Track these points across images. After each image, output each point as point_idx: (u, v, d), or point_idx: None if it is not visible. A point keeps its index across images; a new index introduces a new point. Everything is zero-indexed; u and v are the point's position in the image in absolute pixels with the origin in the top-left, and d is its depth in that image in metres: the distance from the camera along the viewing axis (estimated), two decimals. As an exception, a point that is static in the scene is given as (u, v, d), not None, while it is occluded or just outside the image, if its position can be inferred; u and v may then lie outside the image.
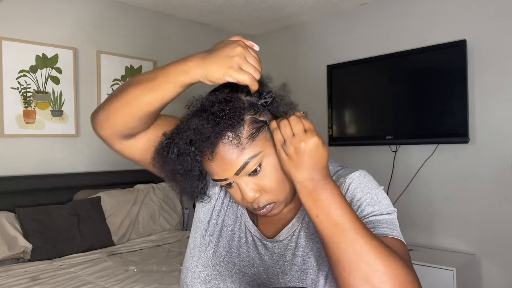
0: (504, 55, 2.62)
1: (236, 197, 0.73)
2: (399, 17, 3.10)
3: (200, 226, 0.85)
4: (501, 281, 2.63)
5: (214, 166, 0.69)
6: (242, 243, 0.80)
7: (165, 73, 0.69)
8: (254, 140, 0.69)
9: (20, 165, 2.66)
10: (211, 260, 0.80)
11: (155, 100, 0.70)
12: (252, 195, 0.70)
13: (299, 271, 0.73)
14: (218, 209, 0.85)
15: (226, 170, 0.69)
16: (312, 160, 0.63)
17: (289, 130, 0.64)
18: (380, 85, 3.18)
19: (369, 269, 0.59)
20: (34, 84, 2.72)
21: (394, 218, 0.72)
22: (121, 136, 0.76)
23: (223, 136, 0.67)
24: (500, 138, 2.63)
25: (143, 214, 2.87)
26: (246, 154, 0.68)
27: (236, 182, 0.71)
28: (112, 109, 0.73)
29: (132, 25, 3.25)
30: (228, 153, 0.68)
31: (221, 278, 0.77)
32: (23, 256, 2.33)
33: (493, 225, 2.65)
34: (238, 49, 0.66)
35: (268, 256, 0.77)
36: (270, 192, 0.71)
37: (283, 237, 0.77)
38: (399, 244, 0.67)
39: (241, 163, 0.68)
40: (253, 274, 0.76)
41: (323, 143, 0.63)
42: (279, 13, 3.48)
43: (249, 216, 0.83)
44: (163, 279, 2.05)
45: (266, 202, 0.72)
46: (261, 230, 0.81)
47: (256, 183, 0.70)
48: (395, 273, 0.58)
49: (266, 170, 0.70)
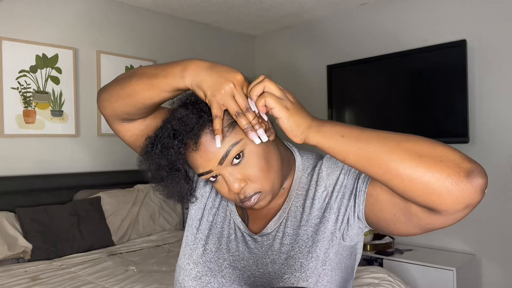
0: (504, 55, 2.62)
1: (223, 190, 0.74)
2: (399, 17, 3.10)
3: (192, 225, 0.88)
4: (501, 281, 2.63)
5: (197, 158, 0.71)
6: (232, 239, 0.82)
7: (165, 74, 0.71)
8: (234, 128, 0.70)
9: (20, 165, 2.66)
10: (201, 257, 0.82)
11: (154, 96, 0.73)
12: (237, 186, 0.71)
13: (288, 257, 0.74)
14: (209, 207, 0.88)
15: (209, 160, 0.70)
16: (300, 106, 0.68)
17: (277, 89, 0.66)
18: (380, 85, 3.18)
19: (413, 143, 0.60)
20: (34, 84, 2.72)
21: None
22: (121, 119, 0.80)
23: (205, 127, 0.70)
24: (500, 138, 2.63)
25: (143, 214, 2.87)
26: (227, 142, 0.70)
27: (221, 173, 0.72)
28: (115, 94, 0.76)
29: (132, 25, 3.25)
30: (210, 143, 0.70)
31: (212, 274, 0.79)
32: (23, 256, 2.33)
33: (493, 225, 2.66)
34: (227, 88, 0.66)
35: (257, 248, 0.79)
36: (255, 181, 0.72)
37: (271, 229, 0.79)
38: None
39: (223, 151, 0.70)
40: (242, 267, 0.78)
41: None
42: (279, 13, 3.48)
43: (238, 214, 0.85)
44: (163, 279, 2.05)
45: (252, 192, 0.72)
46: (252, 227, 0.82)
47: (240, 173, 0.72)
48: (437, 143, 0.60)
49: (249, 158, 0.71)
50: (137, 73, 0.75)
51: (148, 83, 0.72)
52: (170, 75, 0.70)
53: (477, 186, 0.56)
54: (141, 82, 0.73)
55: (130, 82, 0.74)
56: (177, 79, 0.69)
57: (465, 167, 0.56)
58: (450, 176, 0.56)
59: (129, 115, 0.78)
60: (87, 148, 2.97)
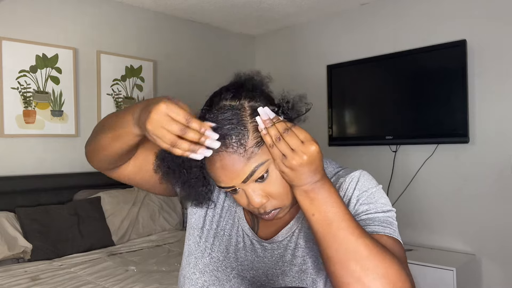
0: (504, 55, 2.62)
1: (242, 202, 0.73)
2: (399, 17, 3.10)
3: (193, 233, 0.85)
4: (501, 281, 2.63)
5: (220, 175, 0.69)
6: (240, 248, 0.80)
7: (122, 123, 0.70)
8: (260, 148, 0.67)
9: (20, 165, 2.65)
10: (208, 266, 0.79)
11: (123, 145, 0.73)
12: (259, 201, 0.70)
13: (299, 271, 0.73)
14: (211, 215, 0.85)
15: (233, 178, 0.68)
16: (313, 167, 0.63)
17: (286, 146, 0.62)
18: (380, 85, 3.18)
19: (359, 268, 0.59)
20: (34, 84, 2.72)
21: (390, 216, 0.71)
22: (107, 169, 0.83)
23: (227, 146, 0.66)
24: (500, 138, 2.63)
25: (143, 214, 2.87)
26: (253, 162, 0.67)
27: (243, 188, 0.70)
28: (91, 150, 0.80)
29: (132, 25, 3.25)
30: (234, 163, 0.67)
31: (219, 284, 0.77)
32: (23, 256, 2.33)
33: (493, 225, 2.65)
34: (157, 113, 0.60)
35: (267, 258, 0.77)
36: (277, 198, 0.71)
37: (282, 237, 0.77)
38: (393, 242, 0.67)
39: (248, 171, 0.67)
40: (252, 277, 0.76)
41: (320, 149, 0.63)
42: (279, 13, 3.48)
43: (246, 221, 0.82)
44: (163, 279, 2.05)
45: (272, 208, 0.71)
46: (261, 232, 0.80)
47: (263, 189, 0.70)
48: (385, 271, 0.59)
49: (272, 176, 0.69)
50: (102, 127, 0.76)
51: (112, 135, 0.72)
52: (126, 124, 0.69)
53: None
54: (107, 136, 0.73)
55: (99, 137, 0.76)
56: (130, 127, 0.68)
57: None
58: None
59: (112, 164, 0.80)
60: (87, 148, 2.97)
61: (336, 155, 3.36)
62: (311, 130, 0.64)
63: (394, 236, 0.68)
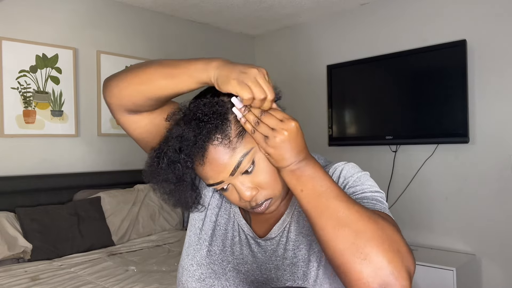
0: (504, 55, 2.62)
1: (233, 198, 0.73)
2: (399, 17, 3.10)
3: (195, 225, 0.86)
4: (501, 281, 2.63)
5: (207, 170, 0.69)
6: (236, 242, 0.81)
7: (187, 65, 0.69)
8: (243, 137, 0.68)
9: (20, 165, 2.65)
10: (205, 259, 0.81)
11: (169, 87, 0.70)
12: (249, 194, 0.70)
13: (290, 264, 0.74)
14: (212, 208, 0.86)
15: (220, 172, 0.69)
16: (295, 144, 0.63)
17: (266, 127, 0.64)
18: (380, 85, 3.18)
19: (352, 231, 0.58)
20: (34, 84, 2.72)
21: (380, 196, 0.72)
22: (126, 110, 0.76)
23: (212, 139, 0.67)
24: (500, 138, 2.63)
25: (143, 214, 2.88)
26: (238, 152, 0.68)
27: (232, 183, 0.71)
28: (125, 80, 0.73)
29: (132, 25, 3.25)
30: (220, 155, 0.68)
31: (215, 276, 0.78)
32: (23, 256, 2.33)
33: (493, 225, 2.65)
34: (253, 70, 0.64)
35: (261, 253, 0.78)
36: (266, 188, 0.71)
37: (275, 233, 0.78)
38: (385, 215, 0.66)
39: (234, 163, 0.68)
40: (246, 271, 0.77)
41: (299, 125, 0.64)
42: (279, 13, 3.48)
43: (242, 215, 0.83)
44: (163, 279, 2.05)
45: (263, 198, 0.72)
46: (255, 229, 0.82)
47: (251, 181, 0.70)
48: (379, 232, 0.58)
49: (259, 166, 0.70)
50: (154, 62, 0.72)
51: (167, 72, 0.69)
52: (192, 67, 0.68)
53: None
54: (158, 71, 0.70)
55: (146, 70, 0.71)
56: (199, 71, 0.67)
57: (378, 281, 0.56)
58: (361, 279, 0.57)
59: (136, 106, 0.74)
60: (87, 148, 2.97)
61: (336, 155, 3.36)
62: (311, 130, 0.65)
63: (385, 212, 0.68)
